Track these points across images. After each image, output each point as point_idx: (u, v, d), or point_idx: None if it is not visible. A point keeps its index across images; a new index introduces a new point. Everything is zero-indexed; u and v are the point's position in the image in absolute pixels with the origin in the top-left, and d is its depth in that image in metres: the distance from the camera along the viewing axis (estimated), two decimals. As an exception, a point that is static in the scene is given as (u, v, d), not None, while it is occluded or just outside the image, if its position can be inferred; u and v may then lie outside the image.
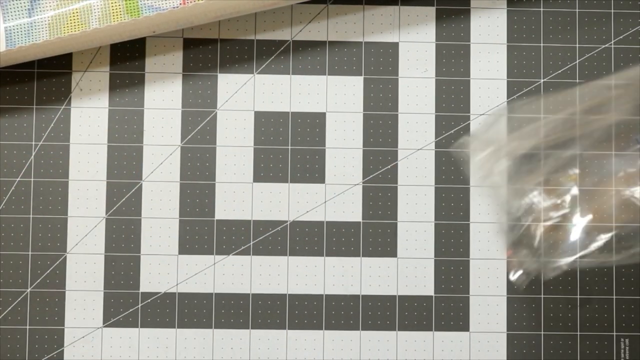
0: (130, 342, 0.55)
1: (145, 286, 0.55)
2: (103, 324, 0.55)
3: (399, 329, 0.55)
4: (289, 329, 0.55)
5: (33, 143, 0.55)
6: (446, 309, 0.55)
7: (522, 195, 0.55)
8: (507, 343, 0.55)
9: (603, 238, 0.54)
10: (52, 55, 0.53)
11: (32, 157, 0.55)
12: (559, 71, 0.57)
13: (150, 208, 0.55)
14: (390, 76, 0.57)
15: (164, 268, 0.55)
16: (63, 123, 0.56)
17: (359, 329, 0.55)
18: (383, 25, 0.57)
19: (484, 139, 0.55)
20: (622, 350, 0.55)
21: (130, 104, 0.56)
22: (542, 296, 0.56)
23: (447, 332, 0.55)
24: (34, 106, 0.56)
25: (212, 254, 0.55)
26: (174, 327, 0.55)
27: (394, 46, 0.57)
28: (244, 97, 0.56)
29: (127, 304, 0.55)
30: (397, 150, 0.56)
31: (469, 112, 0.57)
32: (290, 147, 0.56)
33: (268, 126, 0.56)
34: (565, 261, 0.54)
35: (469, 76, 0.57)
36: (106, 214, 0.55)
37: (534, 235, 0.54)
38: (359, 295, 0.55)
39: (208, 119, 0.56)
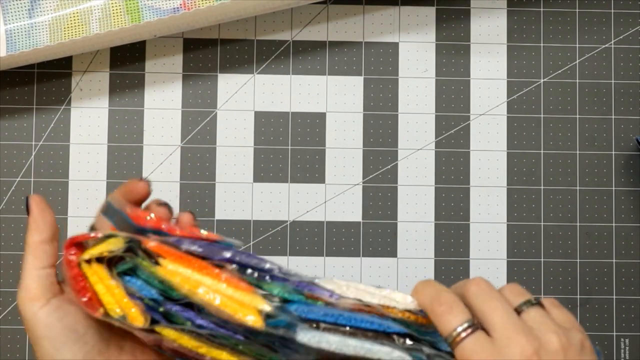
0: (130, 342, 0.54)
1: (145, 286, 0.55)
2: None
3: (399, 329, 0.55)
4: (289, 329, 0.55)
5: (33, 143, 0.55)
6: (446, 309, 0.55)
7: None
8: (507, 343, 0.55)
9: None
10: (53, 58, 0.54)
11: (32, 157, 0.55)
12: (559, 71, 0.57)
13: (150, 208, 0.55)
14: (390, 76, 0.57)
15: (164, 268, 0.55)
16: (63, 123, 0.56)
17: (359, 329, 0.55)
18: (383, 26, 0.57)
19: None
20: (622, 350, 0.55)
21: (130, 104, 0.56)
22: (542, 296, 0.56)
23: (447, 332, 0.55)
24: (34, 106, 0.56)
25: (212, 254, 0.55)
26: (174, 327, 0.55)
27: (394, 46, 0.57)
28: (244, 97, 0.56)
29: (127, 304, 0.55)
30: (397, 150, 0.56)
31: (469, 112, 0.57)
32: (290, 147, 0.56)
33: (268, 126, 0.56)
34: None
35: (469, 76, 0.57)
36: (106, 214, 0.55)
37: None
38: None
39: (208, 119, 0.56)
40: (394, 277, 0.55)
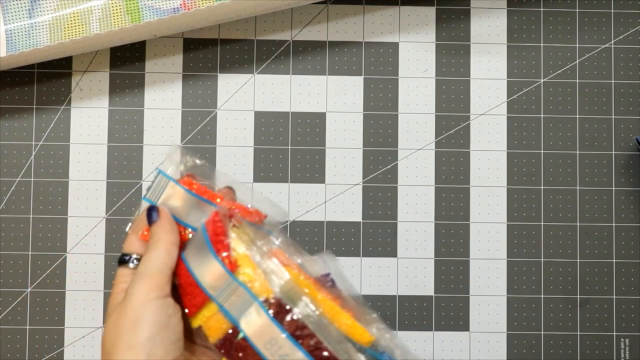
0: (130, 342, 0.54)
1: (145, 286, 0.55)
2: (103, 324, 0.55)
3: (399, 329, 0.55)
4: (289, 329, 0.55)
5: (33, 143, 0.55)
6: (446, 309, 0.55)
7: None
8: (507, 343, 0.55)
9: None
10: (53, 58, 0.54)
11: (32, 157, 0.55)
12: (559, 71, 0.57)
13: (150, 208, 0.55)
14: (390, 76, 0.57)
15: (164, 268, 0.55)
16: (63, 123, 0.56)
17: (359, 329, 0.55)
18: (383, 26, 0.57)
19: None
20: (622, 350, 0.55)
21: (130, 104, 0.56)
22: (542, 296, 0.56)
23: (447, 332, 0.55)
24: (34, 106, 0.56)
25: (212, 254, 0.55)
26: (174, 327, 0.55)
27: (394, 46, 0.57)
28: (244, 97, 0.56)
29: (127, 304, 0.55)
30: (397, 150, 0.56)
31: (469, 112, 0.57)
32: (290, 147, 0.56)
33: (268, 126, 0.56)
34: None
35: (469, 76, 0.57)
36: (106, 214, 0.55)
37: None
38: (359, 295, 0.55)
39: (208, 119, 0.56)
40: (394, 277, 0.55)
